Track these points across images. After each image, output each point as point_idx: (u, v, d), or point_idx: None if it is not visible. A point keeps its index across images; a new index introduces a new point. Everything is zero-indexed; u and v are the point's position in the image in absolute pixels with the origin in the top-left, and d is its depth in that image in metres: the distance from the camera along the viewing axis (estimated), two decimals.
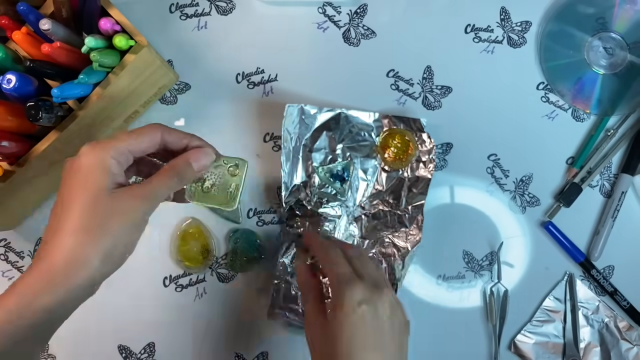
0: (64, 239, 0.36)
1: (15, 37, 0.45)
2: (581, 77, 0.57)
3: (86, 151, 0.37)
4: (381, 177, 0.56)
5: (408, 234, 0.55)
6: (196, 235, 0.57)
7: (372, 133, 0.56)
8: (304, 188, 0.56)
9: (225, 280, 0.57)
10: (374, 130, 0.56)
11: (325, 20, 0.59)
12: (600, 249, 0.56)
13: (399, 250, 0.55)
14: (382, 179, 0.56)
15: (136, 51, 0.48)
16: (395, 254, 0.55)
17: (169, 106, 0.59)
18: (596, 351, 0.56)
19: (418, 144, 0.55)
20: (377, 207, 0.56)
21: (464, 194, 0.57)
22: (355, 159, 0.56)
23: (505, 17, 0.58)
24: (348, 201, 0.56)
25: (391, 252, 0.55)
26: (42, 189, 0.56)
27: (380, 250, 0.55)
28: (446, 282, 0.57)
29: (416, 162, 0.55)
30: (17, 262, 0.58)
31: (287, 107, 0.54)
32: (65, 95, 0.45)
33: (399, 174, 0.56)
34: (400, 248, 0.55)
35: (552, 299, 0.56)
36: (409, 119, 0.56)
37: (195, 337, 0.57)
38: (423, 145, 0.55)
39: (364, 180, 0.56)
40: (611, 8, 0.56)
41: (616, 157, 0.57)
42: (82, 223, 0.36)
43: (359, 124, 0.56)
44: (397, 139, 0.55)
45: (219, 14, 0.59)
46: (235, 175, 0.45)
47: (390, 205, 0.56)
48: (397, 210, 0.55)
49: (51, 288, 0.36)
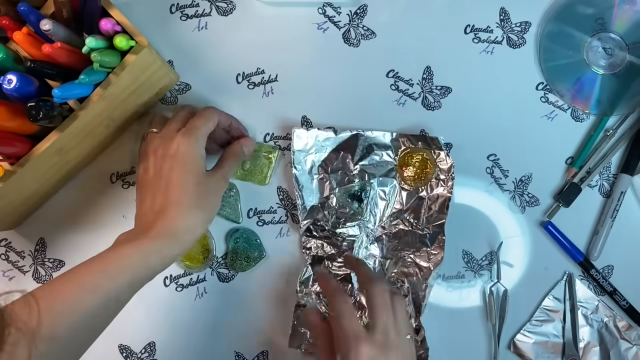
0: (184, 211, 0.46)
1: (16, 37, 0.45)
2: (580, 77, 0.57)
3: (183, 141, 0.47)
4: (401, 196, 0.56)
5: (430, 254, 0.55)
6: None
7: (390, 152, 0.56)
8: (321, 209, 0.56)
9: (225, 280, 0.58)
10: (391, 149, 0.56)
11: (325, 21, 0.59)
12: (599, 249, 0.56)
13: (421, 270, 0.55)
14: (402, 198, 0.56)
15: (137, 52, 0.48)
16: (417, 273, 0.55)
17: (169, 106, 0.59)
18: (595, 351, 0.56)
19: (437, 162, 0.55)
20: (397, 227, 0.56)
21: (464, 194, 0.57)
22: (373, 179, 0.56)
23: (504, 17, 0.58)
24: (368, 222, 0.56)
25: (413, 272, 0.55)
26: (43, 189, 0.56)
27: (402, 270, 0.56)
28: (446, 281, 0.57)
29: (435, 180, 0.56)
30: (18, 261, 0.58)
31: (294, 131, 0.55)
32: (66, 96, 0.45)
33: (418, 193, 0.56)
34: (422, 268, 0.55)
35: (552, 298, 0.56)
36: (427, 137, 0.56)
37: (196, 337, 0.57)
38: (442, 164, 0.55)
39: (383, 200, 0.56)
40: (610, 8, 0.56)
41: (615, 157, 0.57)
42: (195, 200, 0.47)
43: (375, 144, 0.56)
44: (416, 157, 0.55)
45: (220, 15, 0.59)
46: (268, 159, 0.57)
47: (410, 225, 0.56)
48: (418, 230, 0.56)
49: (172, 248, 0.45)
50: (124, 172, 0.58)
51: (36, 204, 0.58)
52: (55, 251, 0.58)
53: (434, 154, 0.55)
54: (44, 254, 0.58)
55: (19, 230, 0.58)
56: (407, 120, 0.58)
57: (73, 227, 0.58)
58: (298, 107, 0.58)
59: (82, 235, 0.58)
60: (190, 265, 0.57)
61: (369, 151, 0.56)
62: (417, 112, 0.58)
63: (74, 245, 0.58)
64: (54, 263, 0.58)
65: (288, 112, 0.58)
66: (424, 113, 0.58)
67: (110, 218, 0.58)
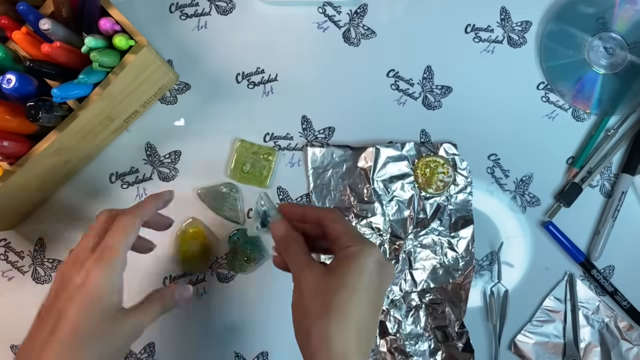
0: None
1: (15, 37, 0.45)
2: (581, 77, 0.57)
3: (93, 269, 0.38)
4: (421, 205, 0.56)
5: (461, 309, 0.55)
6: (196, 236, 0.57)
7: (406, 163, 0.56)
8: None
9: (225, 280, 0.57)
10: (407, 159, 0.56)
11: (326, 20, 0.59)
12: (600, 249, 0.56)
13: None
14: (425, 207, 0.56)
15: (136, 51, 0.48)
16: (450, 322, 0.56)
17: (169, 106, 0.59)
18: (596, 351, 0.56)
19: (452, 168, 0.56)
20: (427, 289, 0.56)
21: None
22: (391, 189, 0.56)
23: (505, 17, 0.58)
24: (393, 229, 0.56)
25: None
26: (42, 189, 0.56)
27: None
28: None
29: (453, 186, 0.56)
30: (17, 262, 0.58)
31: (308, 148, 0.56)
32: (65, 95, 0.45)
33: (438, 200, 0.56)
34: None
35: (553, 299, 0.56)
36: (441, 145, 0.56)
37: (195, 337, 0.57)
38: (458, 170, 0.56)
39: (405, 209, 0.56)
40: (611, 8, 0.56)
41: (616, 157, 0.57)
42: (99, 350, 0.38)
43: (392, 156, 0.56)
44: (433, 165, 0.56)
45: (219, 14, 0.59)
46: (267, 161, 0.57)
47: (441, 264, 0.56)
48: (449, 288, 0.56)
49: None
50: (123, 172, 0.58)
51: (35, 204, 0.58)
52: (55, 251, 0.58)
53: (450, 161, 0.56)
54: (43, 254, 0.58)
55: (18, 230, 0.58)
56: (407, 119, 0.58)
57: (72, 227, 0.58)
58: (298, 107, 0.58)
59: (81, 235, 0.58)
60: (190, 266, 0.57)
61: (386, 163, 0.56)
62: (417, 112, 0.58)
63: (73, 245, 0.58)
64: (53, 263, 0.58)
65: (288, 111, 0.58)
66: (424, 113, 0.58)
67: None
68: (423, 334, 0.54)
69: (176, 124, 0.59)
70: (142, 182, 0.58)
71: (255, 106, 0.58)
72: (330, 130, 0.58)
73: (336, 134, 0.58)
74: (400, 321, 0.54)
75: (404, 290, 0.55)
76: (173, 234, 0.57)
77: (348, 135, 0.58)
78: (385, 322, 0.55)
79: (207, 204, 0.57)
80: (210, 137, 0.58)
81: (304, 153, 0.57)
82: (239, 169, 0.57)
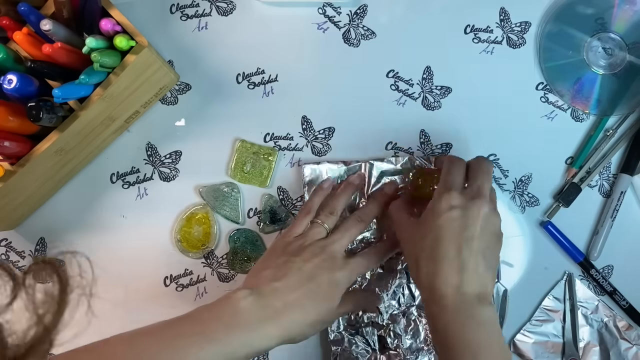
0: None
1: (16, 37, 0.45)
2: (580, 77, 0.57)
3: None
4: None
5: None
6: (203, 221, 0.57)
7: (401, 177, 0.56)
8: None
9: (225, 280, 0.58)
10: (402, 173, 0.56)
11: (325, 21, 0.59)
12: (599, 249, 0.56)
13: None
14: None
15: (137, 52, 0.48)
16: None
17: (169, 107, 0.59)
18: (595, 350, 0.56)
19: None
20: None
21: None
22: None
23: (504, 17, 0.58)
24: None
25: None
26: (43, 189, 0.56)
27: None
28: None
29: None
30: (18, 262, 0.58)
31: (304, 166, 0.56)
32: (66, 96, 0.45)
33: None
34: None
35: (552, 298, 0.56)
36: (435, 157, 0.56)
37: None
38: None
39: None
40: (610, 8, 0.56)
41: (615, 157, 0.57)
42: None
43: (386, 170, 0.56)
44: (426, 177, 0.54)
45: (220, 15, 0.59)
46: (268, 161, 0.57)
47: None
48: None
49: None
50: (124, 172, 0.58)
51: (36, 204, 0.58)
52: (55, 251, 0.58)
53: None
54: (44, 254, 0.58)
55: (19, 230, 0.58)
56: (407, 120, 0.58)
57: (73, 227, 0.58)
58: (298, 107, 0.58)
59: (82, 235, 0.58)
60: (186, 248, 0.57)
61: (380, 178, 0.56)
62: (417, 112, 0.58)
63: (73, 245, 0.58)
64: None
65: (288, 112, 0.58)
66: (424, 113, 0.58)
67: (110, 218, 0.58)
68: (422, 348, 0.54)
69: (177, 124, 0.59)
70: (143, 182, 0.58)
71: (256, 106, 0.58)
72: (330, 131, 0.58)
73: (336, 134, 0.58)
74: (400, 335, 0.54)
75: (402, 305, 0.55)
76: (180, 214, 0.58)
77: (348, 135, 0.58)
78: (385, 337, 0.54)
79: (208, 202, 0.57)
80: (210, 138, 0.58)
81: (300, 170, 0.57)
82: (239, 169, 0.57)
